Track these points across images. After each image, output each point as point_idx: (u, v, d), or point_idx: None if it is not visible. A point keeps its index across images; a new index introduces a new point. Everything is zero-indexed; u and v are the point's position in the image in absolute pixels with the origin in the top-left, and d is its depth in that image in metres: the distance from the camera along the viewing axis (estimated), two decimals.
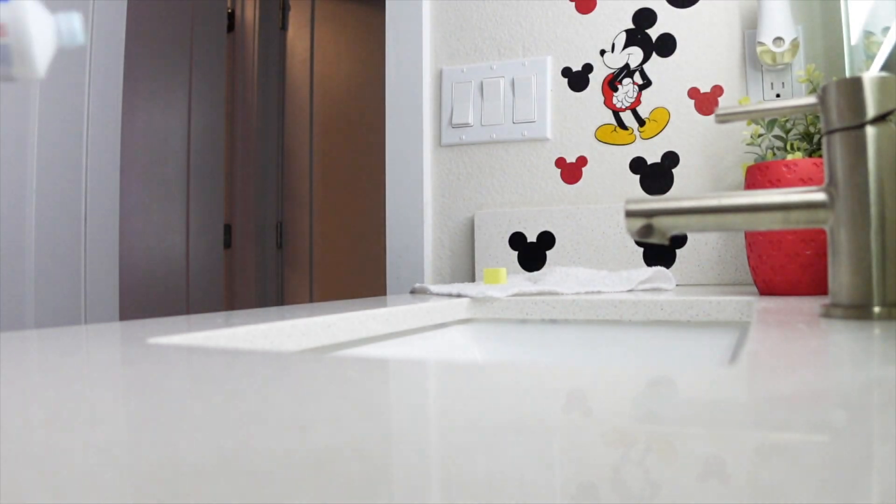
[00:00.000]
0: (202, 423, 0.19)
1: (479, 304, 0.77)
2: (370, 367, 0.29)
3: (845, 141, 0.46)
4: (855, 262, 0.45)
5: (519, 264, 1.15)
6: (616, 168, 1.13)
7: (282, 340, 0.49)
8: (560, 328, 0.75)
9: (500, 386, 0.25)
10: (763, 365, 0.29)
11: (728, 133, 1.07)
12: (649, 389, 0.25)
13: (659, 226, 0.48)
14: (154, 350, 0.36)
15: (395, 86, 1.26)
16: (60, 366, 0.33)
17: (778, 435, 0.17)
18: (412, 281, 1.21)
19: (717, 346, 0.67)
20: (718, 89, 1.09)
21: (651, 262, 1.08)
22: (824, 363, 0.31)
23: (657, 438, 0.18)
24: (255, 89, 2.55)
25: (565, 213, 1.12)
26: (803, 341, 0.36)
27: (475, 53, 1.24)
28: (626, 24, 1.14)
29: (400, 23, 1.27)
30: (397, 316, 0.64)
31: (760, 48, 1.01)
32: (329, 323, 0.54)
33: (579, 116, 1.16)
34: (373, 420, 0.20)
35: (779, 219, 0.46)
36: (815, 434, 0.17)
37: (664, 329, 0.70)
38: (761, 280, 0.76)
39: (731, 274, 1.04)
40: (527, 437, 0.17)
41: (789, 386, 0.23)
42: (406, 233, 1.23)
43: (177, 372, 0.29)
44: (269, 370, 0.28)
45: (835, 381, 0.25)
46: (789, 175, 0.73)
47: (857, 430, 0.17)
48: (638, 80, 1.13)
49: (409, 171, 1.23)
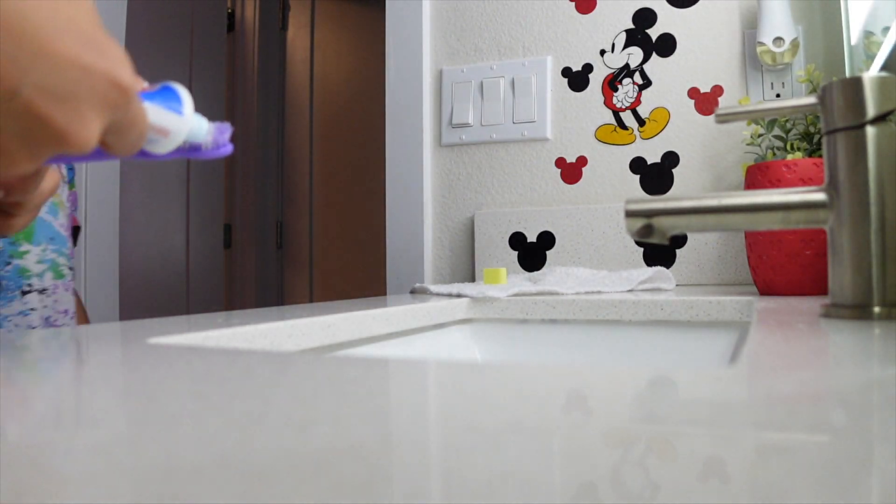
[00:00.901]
0: (202, 423, 0.19)
1: (479, 304, 0.77)
2: (370, 367, 0.29)
3: (845, 141, 0.46)
4: (855, 262, 0.45)
5: (519, 264, 1.15)
6: (616, 168, 1.13)
7: (282, 340, 0.49)
8: (560, 328, 0.75)
9: (500, 386, 0.25)
10: (763, 365, 0.29)
11: (728, 133, 1.07)
12: (649, 389, 0.25)
13: (659, 226, 0.48)
14: (154, 350, 0.36)
15: (395, 86, 1.26)
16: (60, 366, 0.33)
17: (778, 435, 0.17)
18: (412, 281, 1.21)
19: (717, 346, 0.67)
20: (718, 89, 1.09)
21: (651, 262, 1.08)
22: (824, 363, 0.31)
23: (657, 438, 0.18)
24: (255, 89, 2.55)
25: (565, 213, 1.12)
26: (803, 341, 0.36)
27: (475, 53, 1.24)
28: (626, 24, 1.14)
29: (400, 23, 1.27)
30: (397, 316, 0.64)
31: (760, 48, 1.01)
32: (329, 323, 0.54)
33: (579, 116, 1.16)
34: (373, 420, 0.20)
35: (779, 219, 0.46)
36: (815, 434, 0.17)
37: (664, 329, 0.70)
38: (761, 280, 0.76)
39: (731, 274, 1.04)
40: (527, 438, 0.17)
41: (789, 386, 0.23)
42: (406, 233, 1.23)
43: (177, 372, 0.29)
44: (269, 370, 0.28)
45: (835, 381, 0.25)
46: (789, 175, 0.73)
47: (857, 430, 0.17)
48: (638, 80, 1.13)
49: (409, 171, 1.23)
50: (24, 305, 0.82)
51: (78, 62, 0.25)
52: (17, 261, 0.82)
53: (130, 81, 0.27)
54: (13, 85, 0.23)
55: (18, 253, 0.82)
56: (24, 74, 0.24)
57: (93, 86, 0.25)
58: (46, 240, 0.85)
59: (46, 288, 0.85)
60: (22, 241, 0.82)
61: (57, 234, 0.87)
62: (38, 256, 0.84)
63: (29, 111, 0.24)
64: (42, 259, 0.84)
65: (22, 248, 0.82)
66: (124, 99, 0.27)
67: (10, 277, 0.81)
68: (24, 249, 0.83)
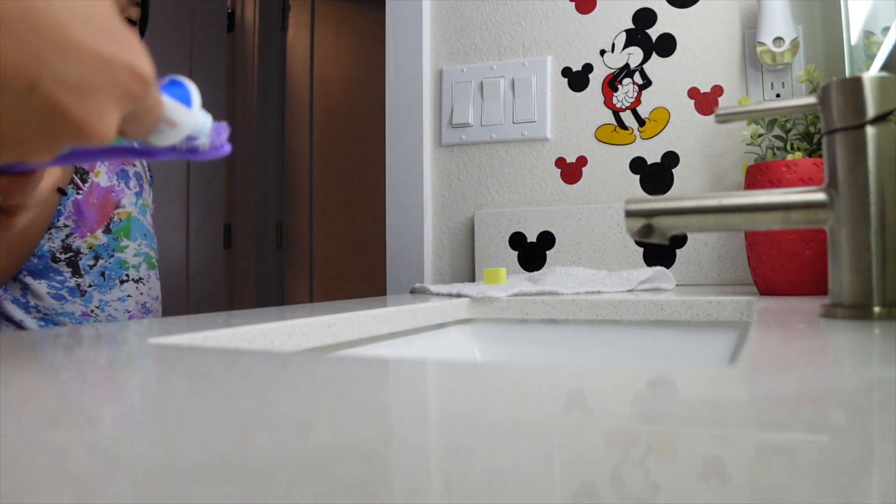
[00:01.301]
0: (202, 423, 0.19)
1: (479, 304, 0.77)
2: (370, 367, 0.29)
3: (845, 141, 0.46)
4: (855, 262, 0.45)
5: (519, 264, 1.15)
6: (616, 168, 1.13)
7: (282, 340, 0.49)
8: (560, 328, 0.75)
9: (500, 386, 0.25)
10: (763, 365, 0.29)
11: (728, 133, 1.07)
12: (649, 389, 0.25)
13: (659, 226, 0.48)
14: (154, 350, 0.36)
15: (395, 86, 1.26)
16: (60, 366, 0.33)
17: (778, 435, 0.17)
18: (412, 281, 1.21)
19: (717, 346, 0.67)
20: (718, 89, 1.09)
21: (651, 262, 1.08)
22: (824, 363, 0.31)
23: (657, 438, 0.18)
24: (255, 89, 2.55)
25: (565, 213, 1.12)
26: (803, 341, 0.36)
27: (475, 53, 1.24)
28: (626, 24, 1.14)
29: (400, 23, 1.27)
30: (397, 316, 0.64)
31: (760, 48, 1.01)
32: (329, 323, 0.54)
33: (579, 116, 1.16)
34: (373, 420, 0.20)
35: (779, 219, 0.46)
36: (815, 434, 0.17)
37: (664, 329, 0.70)
38: (761, 280, 0.76)
39: (731, 274, 1.04)
40: (527, 438, 0.17)
41: (789, 386, 0.23)
42: (406, 233, 1.23)
43: (177, 372, 0.29)
44: (269, 370, 0.28)
45: (835, 381, 0.25)
46: (789, 175, 0.73)
47: (857, 430, 0.17)
48: (638, 80, 1.13)
49: (409, 171, 1.23)
50: (121, 293, 0.96)
51: (98, 54, 0.25)
52: (119, 254, 0.95)
53: (150, 72, 0.27)
54: (34, 77, 0.23)
55: (120, 247, 0.96)
56: (46, 66, 0.23)
57: (113, 77, 0.25)
58: (141, 236, 0.99)
59: (142, 278, 0.99)
60: (122, 237, 0.96)
61: (147, 231, 1.02)
62: (135, 251, 0.98)
63: (49, 103, 0.24)
64: (138, 252, 0.98)
65: (122, 244, 0.96)
66: (144, 89, 0.27)
67: (112, 268, 0.94)
68: (124, 244, 0.96)
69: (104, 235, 0.94)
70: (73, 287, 0.91)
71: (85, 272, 0.92)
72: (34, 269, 0.89)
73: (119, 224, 0.96)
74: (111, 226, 0.95)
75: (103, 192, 0.95)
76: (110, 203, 0.96)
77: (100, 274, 0.93)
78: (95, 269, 0.93)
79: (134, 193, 1.00)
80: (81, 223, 0.92)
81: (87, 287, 0.92)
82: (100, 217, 0.94)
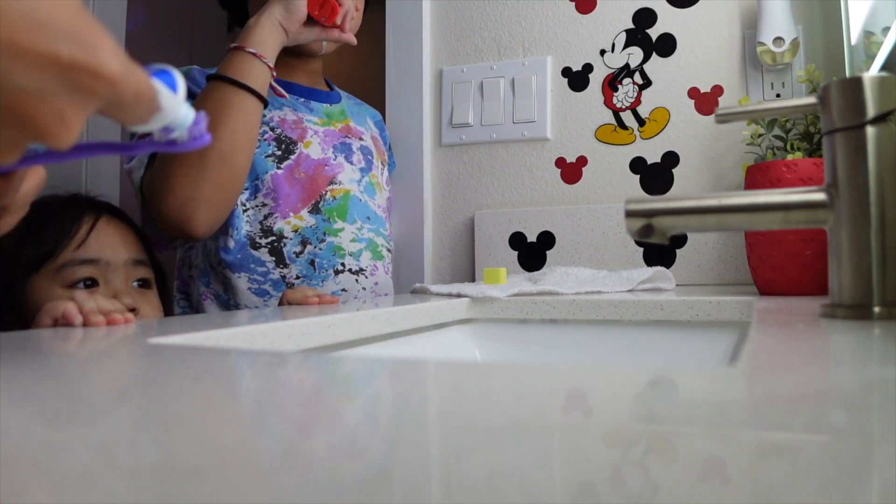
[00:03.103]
0: (202, 423, 0.19)
1: (479, 304, 0.77)
2: (370, 367, 0.29)
3: (845, 141, 0.46)
4: (855, 262, 0.45)
5: (519, 264, 1.15)
6: (616, 168, 1.13)
7: (282, 340, 0.49)
8: (560, 328, 0.75)
9: (500, 386, 0.25)
10: (763, 365, 0.29)
11: (728, 133, 1.07)
12: (649, 389, 0.25)
13: (659, 226, 0.48)
14: (154, 350, 0.36)
15: (395, 86, 1.26)
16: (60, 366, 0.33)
17: (778, 435, 0.17)
18: (412, 281, 1.21)
19: (717, 346, 0.67)
20: (718, 89, 1.09)
21: (651, 262, 1.08)
22: (824, 363, 0.31)
23: (657, 438, 0.18)
24: None
25: (565, 213, 1.12)
26: (803, 341, 0.36)
27: (475, 53, 1.24)
28: (626, 24, 1.14)
29: (400, 23, 1.27)
30: (397, 316, 0.64)
31: (760, 48, 1.01)
32: (329, 323, 0.54)
33: (579, 116, 1.16)
34: (373, 420, 0.20)
35: (779, 219, 0.46)
36: (815, 434, 0.17)
37: (664, 329, 0.70)
38: (761, 280, 0.76)
39: (731, 274, 1.04)
40: (527, 438, 0.17)
41: (789, 386, 0.23)
42: (406, 233, 1.23)
43: (177, 372, 0.29)
44: (269, 370, 0.28)
45: (835, 381, 0.25)
46: (789, 175, 0.73)
47: (857, 430, 0.17)
48: (638, 80, 1.13)
49: (409, 171, 1.23)
50: (336, 285, 0.81)
51: (54, 57, 0.24)
52: (332, 238, 0.81)
53: (115, 69, 0.26)
54: None
55: (333, 230, 0.81)
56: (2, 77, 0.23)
57: (72, 80, 0.25)
58: (363, 219, 0.84)
59: (363, 269, 0.84)
60: (335, 218, 0.81)
61: (374, 214, 0.87)
62: (353, 235, 0.83)
63: (7, 111, 0.24)
64: (357, 238, 0.83)
65: (336, 226, 0.81)
66: (108, 87, 0.26)
67: (323, 256, 0.80)
68: (338, 227, 0.82)
69: (311, 216, 0.80)
70: (278, 279, 0.78)
71: (291, 261, 0.78)
72: (233, 261, 0.77)
73: (332, 203, 0.82)
74: (321, 204, 0.81)
75: (314, 164, 0.82)
76: (322, 178, 0.82)
77: (308, 263, 0.79)
78: (303, 258, 0.79)
79: (358, 169, 0.87)
80: (282, 201, 0.79)
81: (294, 279, 0.78)
82: (306, 194, 0.81)
